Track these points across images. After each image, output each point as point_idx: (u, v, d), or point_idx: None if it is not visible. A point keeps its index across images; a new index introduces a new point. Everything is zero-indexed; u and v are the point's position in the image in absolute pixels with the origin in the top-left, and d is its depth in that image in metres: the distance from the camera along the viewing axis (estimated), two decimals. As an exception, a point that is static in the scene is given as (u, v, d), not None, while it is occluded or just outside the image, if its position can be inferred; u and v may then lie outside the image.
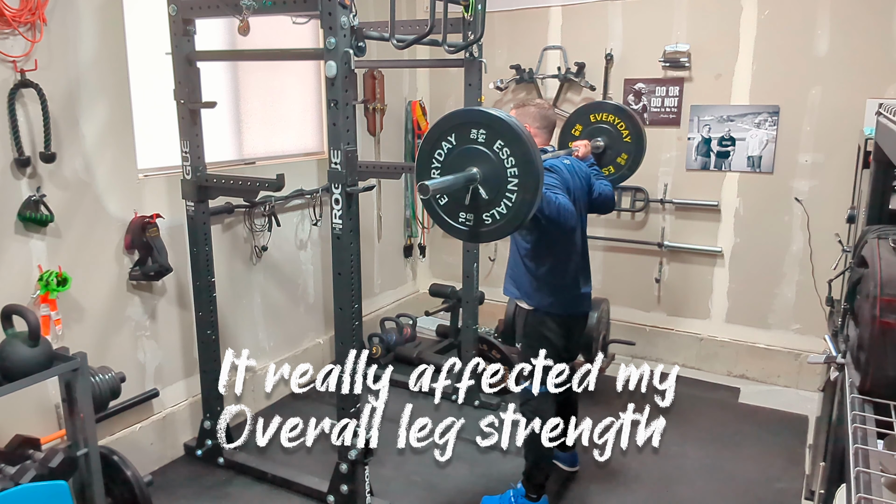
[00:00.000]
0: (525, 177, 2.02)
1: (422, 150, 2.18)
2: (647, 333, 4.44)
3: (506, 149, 2.02)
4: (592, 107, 3.37)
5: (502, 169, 2.04)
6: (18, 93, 2.42)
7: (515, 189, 2.03)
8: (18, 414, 2.55)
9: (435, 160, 2.13)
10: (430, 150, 2.14)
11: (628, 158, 3.30)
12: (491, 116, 2.04)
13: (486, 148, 2.05)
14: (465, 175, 2.06)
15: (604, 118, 3.30)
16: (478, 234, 2.16)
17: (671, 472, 3.17)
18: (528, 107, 2.81)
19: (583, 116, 3.37)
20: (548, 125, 2.81)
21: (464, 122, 2.08)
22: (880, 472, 1.16)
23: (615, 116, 3.29)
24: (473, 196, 2.09)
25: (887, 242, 1.55)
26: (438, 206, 2.18)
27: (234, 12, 2.52)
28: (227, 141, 3.57)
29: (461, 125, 2.08)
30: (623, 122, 3.28)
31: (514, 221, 2.08)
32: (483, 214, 2.11)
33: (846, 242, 3.08)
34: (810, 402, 3.78)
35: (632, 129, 3.27)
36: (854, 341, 1.62)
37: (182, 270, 3.15)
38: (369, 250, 4.61)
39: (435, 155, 2.13)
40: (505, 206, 2.06)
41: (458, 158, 2.09)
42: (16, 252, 2.52)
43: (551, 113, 2.85)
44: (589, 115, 3.34)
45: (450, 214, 2.17)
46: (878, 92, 3.54)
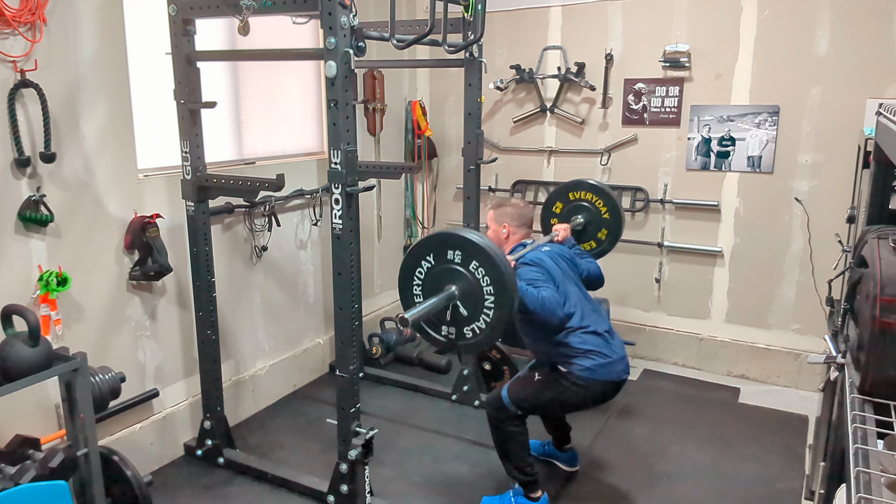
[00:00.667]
0: (500, 296, 2.18)
1: (403, 268, 2.37)
2: (647, 333, 4.44)
3: (481, 269, 2.18)
4: (571, 185, 3.56)
5: (479, 288, 2.20)
6: (18, 93, 2.42)
7: (492, 306, 2.19)
8: (18, 414, 2.55)
9: (416, 278, 2.32)
10: (412, 269, 2.33)
11: (608, 234, 3.48)
12: (466, 240, 2.22)
13: (463, 268, 2.21)
14: (444, 296, 2.23)
15: (582, 196, 3.49)
16: (463, 347, 2.32)
17: (671, 472, 3.17)
18: (505, 207, 2.98)
19: (562, 195, 3.57)
20: (525, 222, 2.98)
21: (441, 243, 2.26)
22: (880, 472, 1.16)
23: (593, 194, 3.48)
24: (454, 312, 2.26)
25: (887, 242, 1.55)
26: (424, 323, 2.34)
27: (234, 12, 2.52)
28: (227, 141, 3.57)
29: (439, 247, 2.26)
30: (601, 200, 3.47)
31: (493, 335, 2.24)
32: (464, 328, 2.27)
33: (846, 242, 3.08)
34: (810, 402, 3.78)
35: (609, 205, 3.45)
36: (854, 341, 1.62)
37: (182, 270, 3.15)
38: (369, 250, 4.62)
39: (416, 273, 2.32)
40: (483, 321, 2.22)
41: (438, 277, 2.27)
42: (16, 252, 2.52)
43: (528, 210, 3.01)
44: (568, 194, 3.54)
45: (433, 328, 2.33)
46: (878, 92, 3.54)
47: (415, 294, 2.36)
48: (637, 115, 4.22)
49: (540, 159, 4.61)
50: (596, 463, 3.25)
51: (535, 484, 2.81)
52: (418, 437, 3.50)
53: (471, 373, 3.81)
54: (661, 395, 4.01)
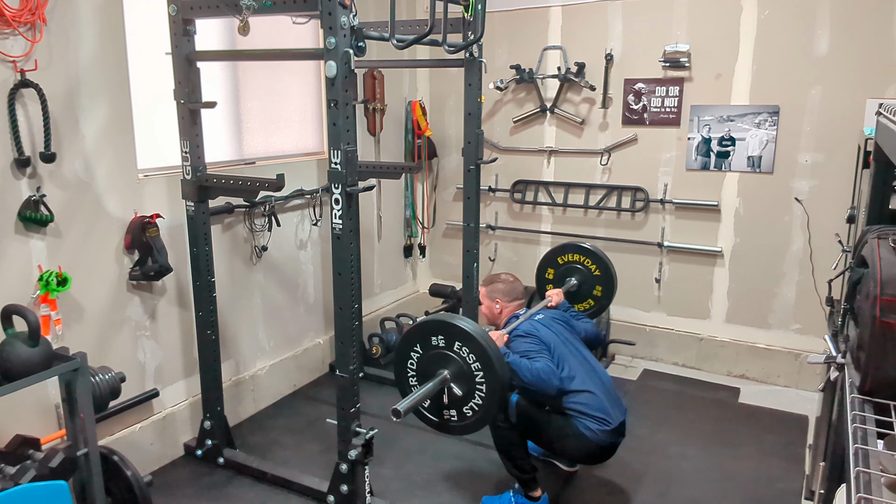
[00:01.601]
0: (488, 370, 2.26)
1: (396, 364, 2.47)
2: (647, 333, 4.44)
3: (464, 348, 2.27)
4: (558, 251, 3.69)
5: (467, 366, 2.29)
6: (18, 93, 2.42)
7: (483, 381, 2.27)
8: (18, 414, 2.55)
9: (409, 370, 2.43)
10: (403, 363, 2.45)
11: (603, 290, 3.59)
12: (444, 323, 2.32)
13: (449, 350, 2.31)
14: (436, 381, 2.31)
15: (570, 258, 3.61)
16: (466, 427, 2.40)
17: (671, 472, 3.17)
18: (496, 283, 3.07)
19: (552, 261, 3.68)
20: (516, 296, 3.05)
21: (423, 332, 2.36)
22: (880, 472, 1.16)
23: (580, 255, 3.59)
24: (450, 395, 2.34)
25: (887, 242, 1.55)
26: (425, 410, 2.43)
27: (234, 12, 2.52)
28: (227, 141, 3.57)
29: (422, 336, 2.36)
30: (588, 259, 3.57)
31: (492, 408, 2.31)
32: (463, 409, 2.35)
33: (846, 242, 3.08)
34: (810, 402, 3.78)
35: (598, 263, 3.59)
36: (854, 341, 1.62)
37: (182, 270, 3.15)
38: (369, 250, 4.61)
39: (408, 366, 2.43)
40: (479, 397, 2.29)
41: (428, 364, 2.38)
42: (16, 252, 2.52)
43: (518, 284, 3.09)
44: (556, 259, 3.65)
45: (436, 414, 2.42)
46: (878, 92, 3.54)
47: (412, 385, 2.47)
48: (637, 115, 4.22)
49: (540, 159, 4.61)
50: (596, 463, 3.25)
51: (535, 482, 2.81)
52: (418, 437, 3.50)
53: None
54: (661, 395, 4.01)
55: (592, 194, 4.45)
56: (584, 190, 4.47)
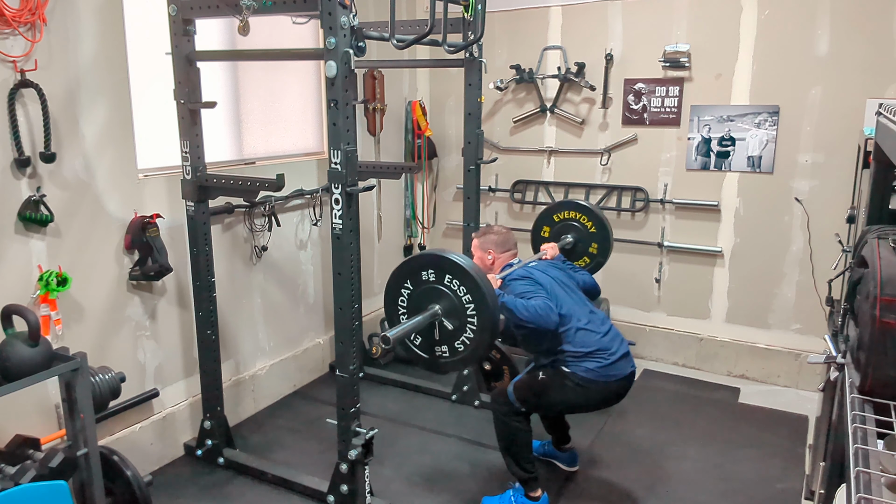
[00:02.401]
0: (479, 302, 2.25)
1: (386, 302, 2.45)
2: (647, 333, 4.44)
3: (455, 280, 2.26)
4: (553, 208, 3.63)
5: (458, 299, 2.27)
6: (18, 93, 2.42)
7: (475, 313, 2.26)
8: (18, 414, 2.55)
9: (400, 307, 2.40)
10: (394, 301, 2.42)
11: (598, 247, 3.54)
12: (435, 257, 2.30)
13: (440, 284, 2.29)
14: (427, 314, 2.29)
15: (566, 215, 3.57)
16: (457, 362, 2.38)
17: (671, 472, 3.17)
18: (488, 235, 3.04)
19: (547, 218, 3.64)
20: (508, 247, 3.04)
21: (413, 268, 2.34)
22: (880, 472, 1.16)
23: (576, 212, 3.55)
24: (442, 329, 2.32)
25: (887, 242, 1.55)
26: (414, 345, 2.42)
27: (234, 12, 2.52)
28: (227, 141, 3.57)
29: (412, 271, 2.34)
30: (584, 216, 3.53)
31: (483, 342, 2.30)
32: (455, 343, 2.33)
33: (846, 242, 3.08)
34: (810, 402, 3.78)
35: (594, 220, 3.53)
36: (854, 341, 1.62)
37: (182, 270, 3.15)
38: (369, 250, 4.61)
39: (399, 303, 2.40)
40: (471, 330, 2.28)
41: (419, 300, 2.36)
42: (16, 252, 2.52)
43: (510, 236, 3.07)
44: (552, 216, 3.60)
45: (427, 351, 2.40)
46: (878, 92, 3.54)
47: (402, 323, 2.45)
48: (637, 115, 4.22)
49: (540, 159, 4.61)
50: (596, 463, 3.24)
51: (536, 482, 2.81)
52: (418, 437, 3.50)
53: (471, 373, 3.81)
54: (661, 395, 4.00)
55: (592, 194, 4.45)
56: (584, 190, 4.47)
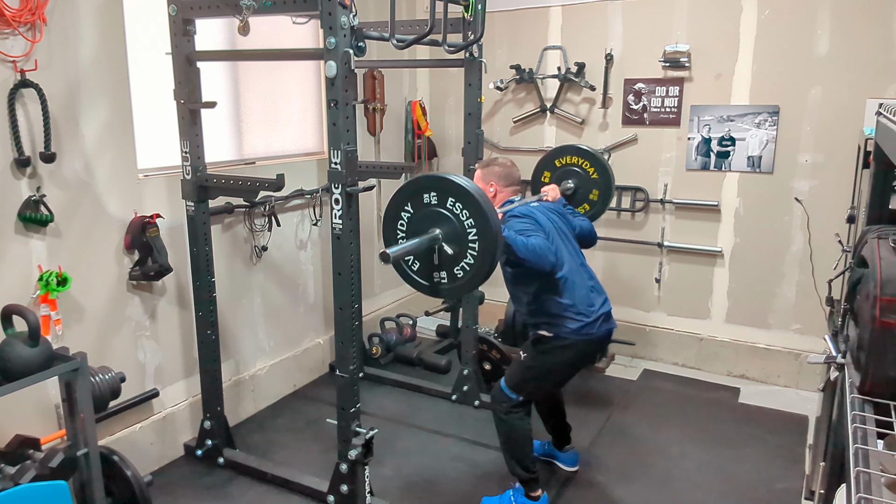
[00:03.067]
0: (482, 226, 2.16)
1: (384, 224, 2.34)
2: (647, 333, 4.44)
3: (458, 204, 2.17)
4: (556, 152, 3.54)
5: (459, 222, 2.18)
6: (18, 93, 2.42)
7: (476, 237, 2.17)
8: (18, 414, 2.55)
9: (399, 231, 2.29)
10: (393, 226, 2.31)
11: (600, 193, 3.45)
12: (437, 178, 2.21)
13: (441, 208, 2.20)
14: (427, 237, 2.21)
15: (568, 161, 3.48)
16: (456, 289, 2.29)
17: (671, 472, 3.17)
18: (492, 166, 2.97)
19: (549, 163, 3.54)
20: (512, 182, 2.97)
21: (414, 190, 2.24)
22: (880, 472, 1.16)
23: (578, 157, 3.46)
24: (441, 255, 2.24)
25: (887, 242, 1.55)
26: (412, 271, 2.32)
27: (234, 12, 2.52)
28: (227, 141, 3.57)
29: (413, 194, 2.24)
30: (587, 161, 3.45)
31: (483, 268, 2.21)
32: (454, 269, 2.24)
33: (846, 242, 3.08)
34: (810, 402, 3.78)
35: (597, 166, 3.43)
36: (854, 341, 1.62)
37: (182, 270, 3.15)
38: (369, 250, 4.61)
39: (398, 227, 2.29)
40: (471, 255, 2.20)
41: (419, 224, 2.25)
42: (16, 252, 2.52)
43: (515, 170, 2.99)
44: (554, 161, 3.52)
45: (425, 277, 2.31)
46: (878, 92, 3.54)
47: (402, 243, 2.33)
48: (637, 115, 4.22)
49: (540, 159, 4.61)
50: (596, 463, 3.25)
51: (536, 482, 2.81)
52: (418, 437, 3.50)
53: (471, 373, 3.81)
54: (661, 395, 4.00)
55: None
56: (584, 190, 4.47)
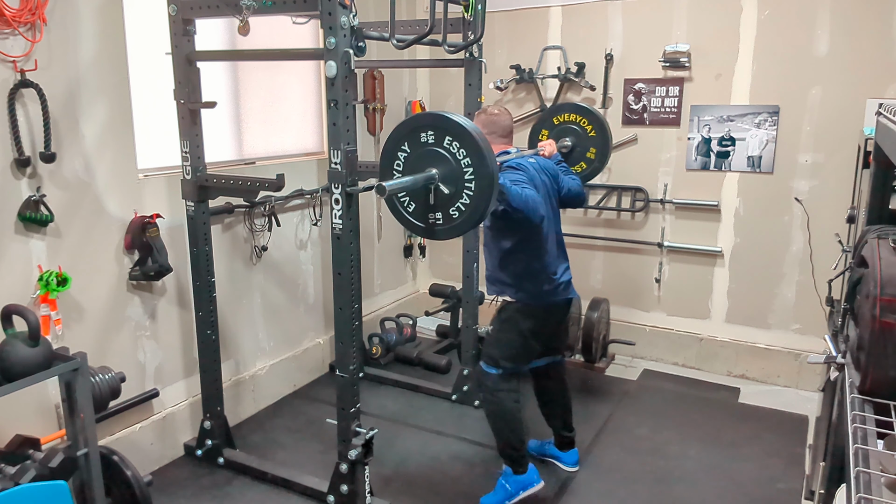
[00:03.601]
0: (478, 163, 2.12)
1: (381, 162, 2.30)
2: (647, 333, 4.44)
3: (455, 142, 2.13)
4: (553, 110, 3.55)
5: (456, 162, 2.15)
6: (18, 93, 2.42)
7: (473, 177, 2.14)
8: (18, 414, 2.55)
9: (395, 171, 2.25)
10: (390, 166, 2.27)
11: (597, 152, 3.46)
12: (434, 116, 2.18)
13: (438, 147, 2.16)
14: (423, 175, 2.17)
15: (566, 118, 3.48)
16: (450, 230, 2.26)
17: (671, 472, 3.17)
18: (480, 115, 2.97)
19: (546, 121, 3.55)
20: (502, 132, 2.93)
21: (412, 128, 2.20)
22: (880, 472, 1.16)
23: (576, 115, 3.46)
24: (437, 195, 2.20)
25: (887, 242, 1.55)
26: (408, 213, 2.29)
27: (234, 12, 2.52)
28: (227, 141, 3.57)
29: (411, 132, 2.20)
30: (585, 119, 3.45)
31: (479, 209, 2.18)
32: (450, 210, 2.21)
33: (846, 242, 3.08)
34: (810, 402, 3.78)
35: (594, 123, 3.44)
36: (854, 341, 1.62)
37: (182, 270, 3.15)
38: (369, 250, 4.61)
39: (394, 168, 2.26)
40: (467, 195, 2.17)
41: (417, 163, 2.21)
42: (16, 252, 2.52)
43: (502, 119, 2.94)
44: (552, 119, 3.52)
45: (420, 218, 2.28)
46: (878, 92, 3.54)
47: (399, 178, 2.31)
48: (637, 115, 4.22)
49: (540, 159, 4.61)
50: (596, 463, 3.24)
51: (524, 459, 2.89)
52: (418, 437, 3.50)
53: (471, 373, 3.81)
54: (661, 395, 4.00)
55: (592, 194, 4.45)
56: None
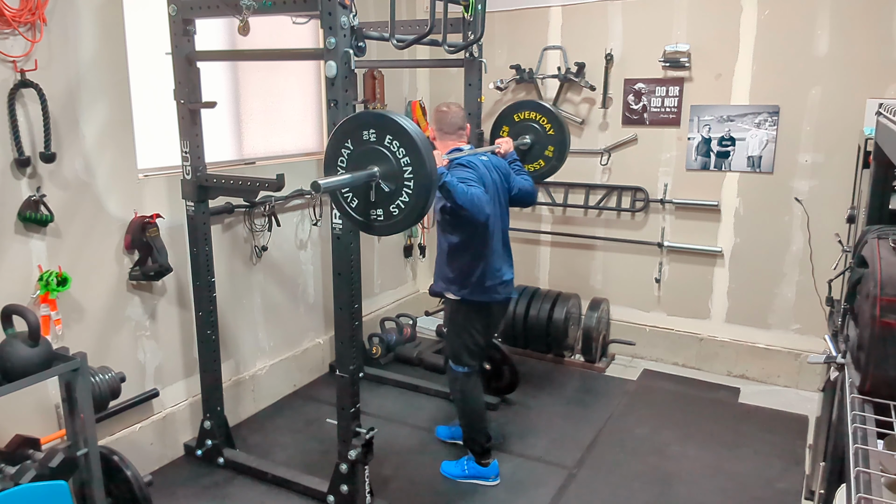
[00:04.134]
0: (417, 163, 2.17)
1: (326, 160, 2.33)
2: (647, 333, 4.44)
3: (395, 141, 2.18)
4: (514, 107, 3.59)
5: (397, 161, 2.19)
6: (18, 93, 2.42)
7: (412, 176, 2.18)
8: (18, 414, 2.55)
9: (339, 167, 2.28)
10: (334, 162, 2.29)
11: (555, 150, 3.51)
12: (375, 115, 2.22)
13: (380, 146, 2.20)
14: (364, 173, 2.21)
15: (526, 116, 3.52)
16: (390, 226, 2.30)
17: (671, 472, 3.17)
18: (434, 113, 3.04)
19: (507, 118, 3.59)
20: (445, 127, 2.98)
21: (354, 126, 2.23)
22: (880, 472, 1.16)
23: (536, 113, 3.50)
24: (378, 192, 2.24)
25: (887, 242, 1.55)
26: (350, 207, 2.32)
27: (234, 12, 2.52)
28: (227, 141, 3.57)
29: (354, 129, 2.23)
30: (545, 117, 3.50)
31: (417, 207, 2.22)
32: (390, 207, 2.25)
33: (846, 242, 3.08)
34: (810, 402, 3.78)
35: (553, 122, 3.49)
36: (854, 341, 1.62)
37: (182, 270, 3.15)
38: (369, 250, 4.61)
39: (338, 164, 2.28)
40: (406, 194, 2.21)
41: (360, 160, 2.24)
42: (16, 252, 2.52)
43: (451, 116, 2.98)
44: (513, 116, 3.56)
45: (361, 213, 2.32)
46: (878, 92, 3.54)
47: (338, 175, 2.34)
48: (637, 115, 4.22)
49: (540, 159, 4.61)
50: (596, 463, 3.25)
51: (488, 454, 3.04)
52: (418, 437, 3.50)
53: (471, 373, 3.81)
54: (661, 395, 4.00)
55: (592, 194, 4.45)
56: (584, 190, 4.47)
